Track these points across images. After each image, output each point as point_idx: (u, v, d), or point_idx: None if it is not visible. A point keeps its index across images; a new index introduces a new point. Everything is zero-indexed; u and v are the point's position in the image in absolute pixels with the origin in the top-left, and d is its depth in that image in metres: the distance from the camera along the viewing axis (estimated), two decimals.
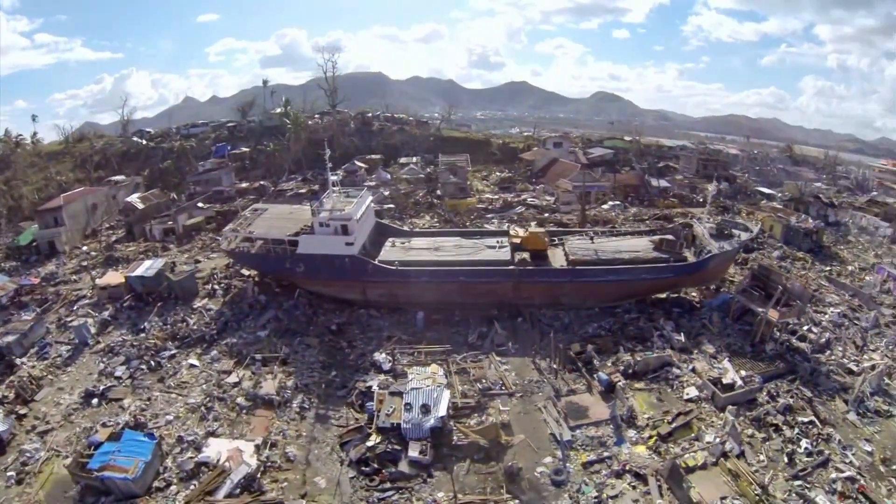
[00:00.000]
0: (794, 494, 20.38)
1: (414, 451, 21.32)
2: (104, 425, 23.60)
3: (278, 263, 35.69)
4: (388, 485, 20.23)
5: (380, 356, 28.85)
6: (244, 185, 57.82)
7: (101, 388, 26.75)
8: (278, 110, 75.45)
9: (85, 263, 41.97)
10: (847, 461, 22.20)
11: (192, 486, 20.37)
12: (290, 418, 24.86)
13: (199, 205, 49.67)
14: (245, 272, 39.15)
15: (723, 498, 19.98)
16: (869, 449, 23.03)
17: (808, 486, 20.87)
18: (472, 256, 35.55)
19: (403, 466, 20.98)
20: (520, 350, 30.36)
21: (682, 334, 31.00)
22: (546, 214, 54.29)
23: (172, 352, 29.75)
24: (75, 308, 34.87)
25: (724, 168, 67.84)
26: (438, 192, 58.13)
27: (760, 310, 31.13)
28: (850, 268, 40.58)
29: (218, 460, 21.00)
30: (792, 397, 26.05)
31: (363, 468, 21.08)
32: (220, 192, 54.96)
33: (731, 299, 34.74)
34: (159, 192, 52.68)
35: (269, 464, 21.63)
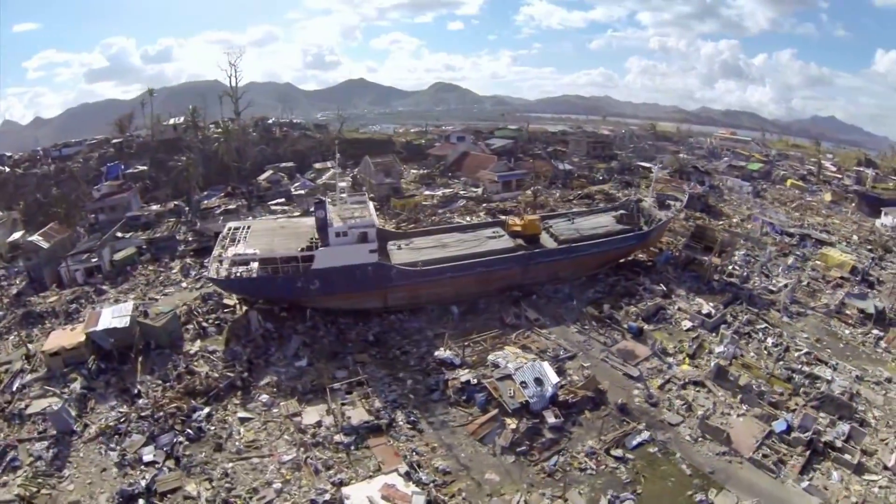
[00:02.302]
0: (784, 370, 33.49)
1: (550, 418, 27.93)
2: None
3: (289, 284, 36.47)
4: (546, 453, 26.33)
5: (443, 353, 33.94)
6: (154, 207, 53.84)
7: (141, 482, 23.21)
8: (171, 121, 69.48)
9: None
10: (798, 345, 36.63)
11: None
12: (408, 436, 27.15)
13: (119, 234, 45.71)
14: (230, 302, 39.15)
15: (749, 381, 31.85)
16: (805, 335, 38.08)
17: (786, 364, 34.31)
18: (481, 248, 42.65)
19: (547, 434, 27.51)
20: (551, 321, 38.93)
21: (661, 285, 43.49)
22: (483, 204, 63.84)
23: (205, 410, 27.84)
24: (21, 390, 29.25)
25: (609, 148, 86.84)
26: (371, 194, 62.83)
27: (706, 258, 45.74)
28: (734, 220, 59.53)
29: None
30: (746, 314, 40.29)
31: (517, 450, 26.32)
32: (135, 218, 50.51)
33: (671, 255, 49.08)
34: (59, 226, 45.92)
35: (432, 484, 23.81)
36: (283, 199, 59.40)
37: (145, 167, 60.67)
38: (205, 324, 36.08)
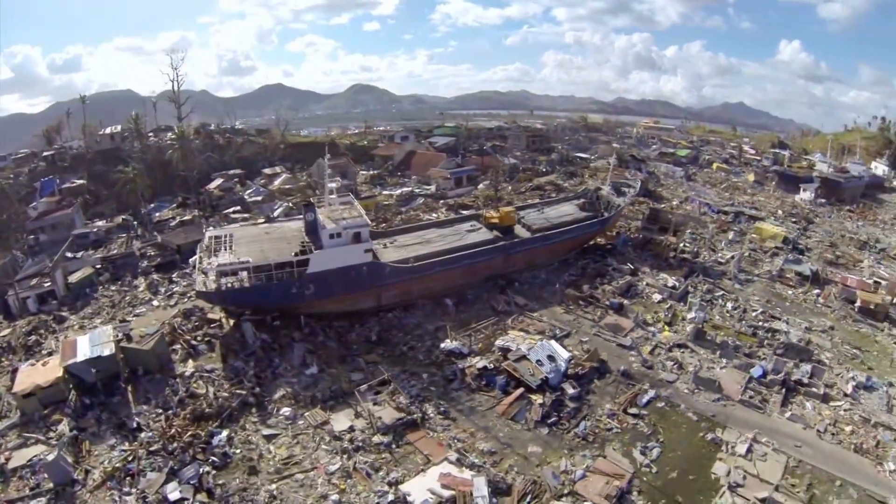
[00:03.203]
0: (747, 328, 39.80)
1: (570, 390, 31.61)
2: None
3: (283, 290, 36.96)
4: (574, 421, 29.84)
5: (451, 345, 36.51)
6: (101, 223, 51.12)
7: None
8: (108, 130, 64.91)
9: None
10: (753, 306, 43.40)
11: None
12: (444, 426, 29.11)
13: (69, 255, 43.34)
14: (214, 316, 38.48)
15: (724, 339, 37.66)
16: (756, 298, 45.07)
17: (747, 322, 40.73)
18: (464, 241, 45.72)
19: (570, 404, 31.03)
20: (539, 305, 42.86)
21: (627, 264, 49.04)
22: (441, 201, 67.07)
23: (223, 433, 27.30)
24: None
25: (546, 141, 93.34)
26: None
27: (662, 237, 52.09)
28: (673, 203, 67.27)
29: (442, 497, 23.60)
30: (704, 284, 46.79)
31: (548, 422, 29.55)
32: (83, 235, 47.63)
33: (628, 237, 55.20)
34: None
35: (483, 465, 26.01)
36: (238, 207, 58.79)
37: (83, 181, 57.09)
38: (193, 342, 35.13)
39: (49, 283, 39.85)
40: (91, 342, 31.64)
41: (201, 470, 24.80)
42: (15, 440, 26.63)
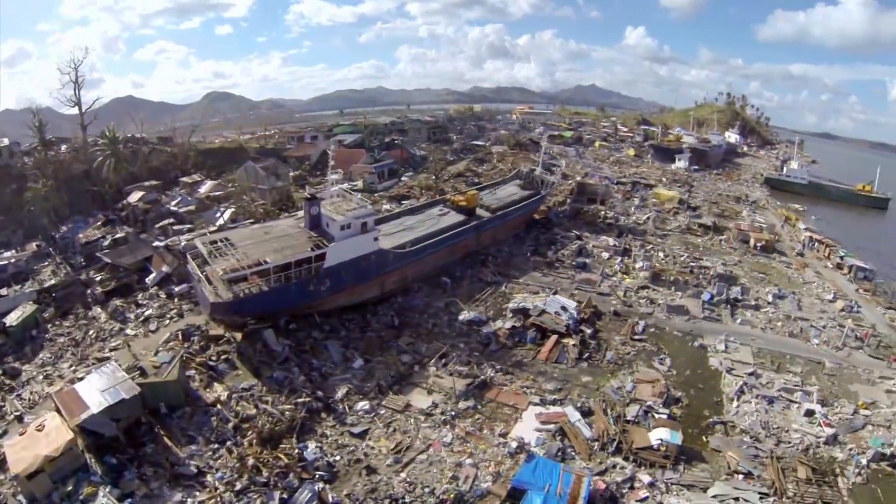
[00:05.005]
0: (683, 268, 52.61)
1: (587, 330, 40.62)
2: None
3: (302, 289, 38.97)
4: (601, 353, 38.61)
5: (469, 315, 42.81)
6: (8, 253, 46.77)
7: None
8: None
9: None
10: (679, 253, 56.77)
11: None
12: (508, 381, 34.66)
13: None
14: (218, 332, 37.24)
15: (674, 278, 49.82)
16: (677, 247, 58.76)
17: (681, 264, 53.67)
18: (441, 224, 52.26)
19: (591, 342, 39.74)
20: (519, 273, 51.26)
21: (573, 231, 59.80)
22: (375, 195, 72.32)
23: (311, 445, 27.69)
24: None
25: (445, 132, 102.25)
26: (261, 200, 65.34)
27: (592, 207, 63.99)
28: (577, 178, 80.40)
29: (550, 429, 29.88)
30: (635, 241, 59.37)
31: (584, 357, 37.72)
32: (2, 269, 43.53)
33: (558, 211, 66.48)
34: None
35: (564, 398, 33.43)
36: (171, 220, 57.78)
37: None
38: (209, 363, 34.01)
39: None
40: (100, 386, 27.66)
41: (316, 489, 24.65)
42: None
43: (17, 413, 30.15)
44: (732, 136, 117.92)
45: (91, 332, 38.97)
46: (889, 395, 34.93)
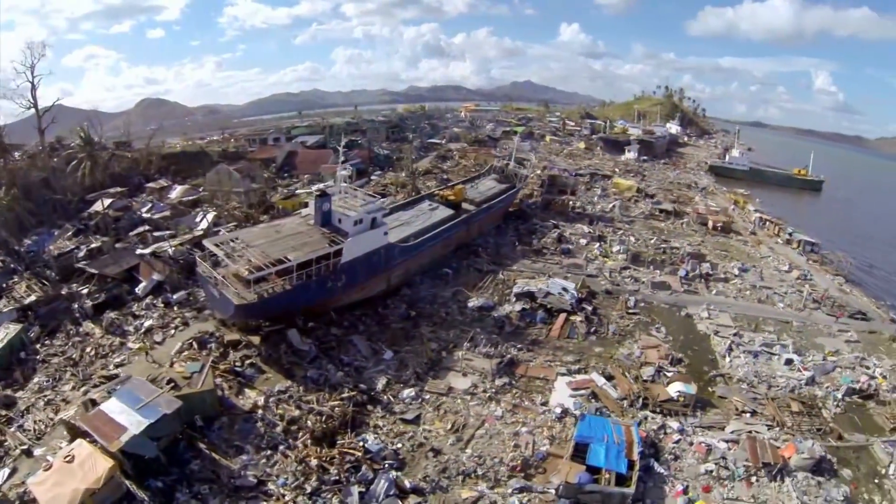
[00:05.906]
0: (655, 248, 58.80)
1: (589, 308, 45.46)
2: None
3: (321, 286, 40.43)
4: (604, 327, 43.42)
5: (477, 302, 46.55)
6: None
7: None
8: None
9: None
10: (648, 237, 63.10)
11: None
12: (531, 357, 38.17)
13: None
14: (233, 336, 37.14)
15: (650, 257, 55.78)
16: (644, 232, 65.14)
17: (653, 246, 59.89)
18: (435, 218, 55.53)
19: (593, 318, 44.48)
20: (511, 261, 55.42)
21: (549, 221, 64.81)
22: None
23: (369, 437, 28.72)
24: None
25: (403, 131, 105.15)
26: (236, 202, 65.80)
27: (562, 198, 69.41)
28: (538, 171, 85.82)
29: (583, 394, 34.04)
30: (606, 227, 65.23)
31: (591, 331, 42.37)
32: None
33: (530, 202, 71.52)
34: None
35: (586, 367, 38.11)
36: (147, 227, 56.86)
37: None
38: (236, 369, 33.96)
39: None
40: (129, 405, 25.66)
41: (388, 478, 25.41)
42: None
43: (24, 447, 27.31)
44: (674, 128, 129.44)
45: (88, 349, 37.04)
46: (848, 343, 42.72)
